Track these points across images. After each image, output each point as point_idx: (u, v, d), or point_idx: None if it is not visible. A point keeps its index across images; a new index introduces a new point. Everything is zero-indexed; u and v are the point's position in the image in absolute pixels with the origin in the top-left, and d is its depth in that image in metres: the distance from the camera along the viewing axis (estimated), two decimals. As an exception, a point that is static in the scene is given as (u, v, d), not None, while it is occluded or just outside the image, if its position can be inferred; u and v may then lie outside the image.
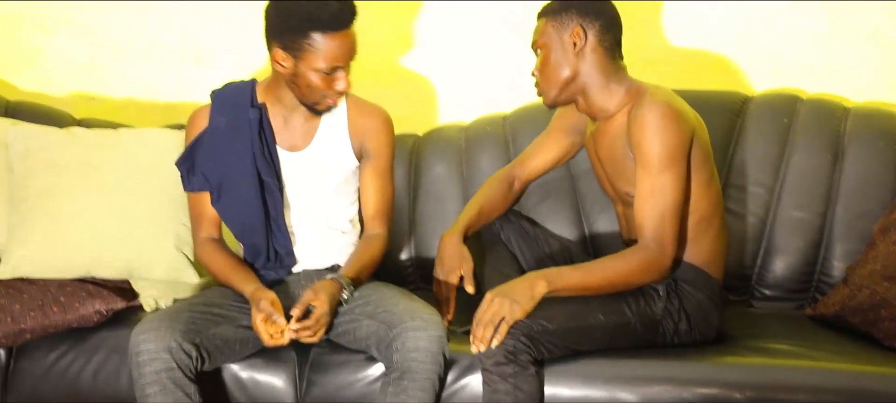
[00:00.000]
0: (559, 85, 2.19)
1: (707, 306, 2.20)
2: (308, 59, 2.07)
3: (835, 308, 2.36)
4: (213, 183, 2.21)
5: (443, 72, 2.86)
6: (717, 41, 2.77)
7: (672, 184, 2.07)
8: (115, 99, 2.90)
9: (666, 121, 2.06)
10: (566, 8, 2.18)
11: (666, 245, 2.08)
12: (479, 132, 2.68)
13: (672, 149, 2.07)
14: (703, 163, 2.17)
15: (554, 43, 2.18)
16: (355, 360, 2.17)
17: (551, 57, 2.18)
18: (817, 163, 2.52)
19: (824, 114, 2.57)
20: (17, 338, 2.22)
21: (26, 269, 2.31)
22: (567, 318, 2.07)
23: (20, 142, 2.45)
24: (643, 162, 2.08)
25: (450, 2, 2.81)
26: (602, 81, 2.18)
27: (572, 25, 2.17)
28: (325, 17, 2.03)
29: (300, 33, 2.05)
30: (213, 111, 2.22)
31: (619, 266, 2.08)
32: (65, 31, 2.86)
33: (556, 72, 2.18)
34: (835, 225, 2.51)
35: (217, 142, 2.20)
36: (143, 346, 2.00)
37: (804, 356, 2.16)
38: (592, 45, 2.17)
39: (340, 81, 2.10)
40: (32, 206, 2.35)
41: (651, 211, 2.07)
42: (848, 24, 2.73)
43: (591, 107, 2.22)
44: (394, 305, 2.11)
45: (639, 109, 2.09)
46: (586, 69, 2.18)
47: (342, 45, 2.06)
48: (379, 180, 2.27)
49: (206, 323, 2.09)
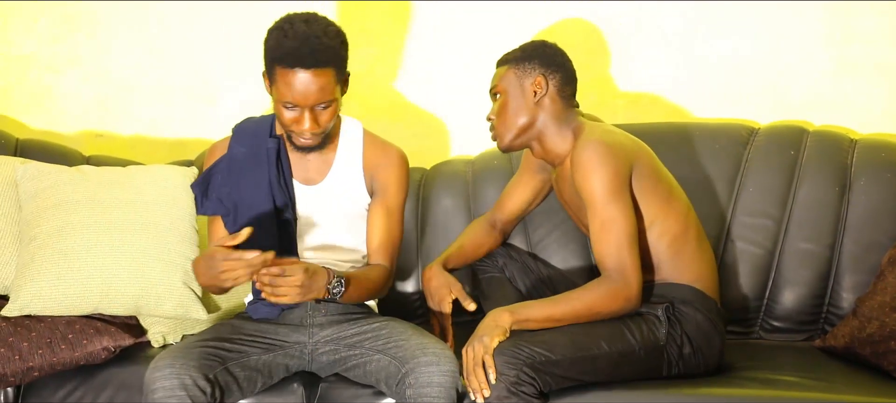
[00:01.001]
0: (516, 130, 2.25)
1: (707, 327, 2.19)
2: (274, 92, 2.12)
3: (844, 340, 2.35)
4: (229, 207, 2.23)
5: (450, 108, 2.88)
6: (725, 74, 2.79)
7: (619, 215, 2.11)
8: (124, 136, 2.92)
9: (598, 157, 2.11)
10: (529, 57, 2.25)
11: (628, 274, 2.10)
12: (485, 165, 2.69)
13: (610, 181, 2.11)
14: (654, 183, 2.19)
15: (514, 90, 2.25)
16: (364, 395, 2.16)
17: (510, 103, 2.24)
18: (825, 194, 2.52)
19: (831, 146, 2.57)
20: (26, 376, 2.22)
21: (35, 307, 2.31)
22: (570, 348, 2.07)
23: (30, 181, 2.46)
24: (588, 201, 2.13)
25: (457, 39, 2.84)
26: (556, 128, 2.24)
27: (535, 74, 2.24)
28: (281, 54, 2.06)
29: (269, 64, 2.11)
30: (233, 141, 2.26)
31: (585, 297, 2.11)
32: (73, 70, 2.89)
33: (513, 117, 2.24)
34: (843, 256, 2.50)
35: (234, 169, 2.23)
36: (159, 384, 2.00)
37: (814, 388, 2.15)
38: (552, 95, 2.24)
39: (303, 123, 2.11)
40: (42, 245, 2.36)
41: (607, 246, 2.10)
42: (854, 58, 2.75)
43: (547, 153, 2.27)
44: (405, 340, 2.10)
45: (575, 153, 2.16)
46: (543, 117, 2.24)
47: (300, 84, 2.07)
48: (385, 217, 2.26)
49: (218, 358, 2.09)
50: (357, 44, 2.75)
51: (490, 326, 2.08)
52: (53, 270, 2.32)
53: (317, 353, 2.21)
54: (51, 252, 2.34)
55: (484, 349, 2.04)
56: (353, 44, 2.18)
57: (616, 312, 2.12)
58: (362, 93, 2.79)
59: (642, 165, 2.18)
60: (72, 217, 2.38)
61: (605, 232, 2.10)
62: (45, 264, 2.33)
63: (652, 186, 2.18)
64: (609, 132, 2.19)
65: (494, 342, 2.05)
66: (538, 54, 2.26)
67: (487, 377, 2.02)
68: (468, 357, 2.06)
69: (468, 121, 2.87)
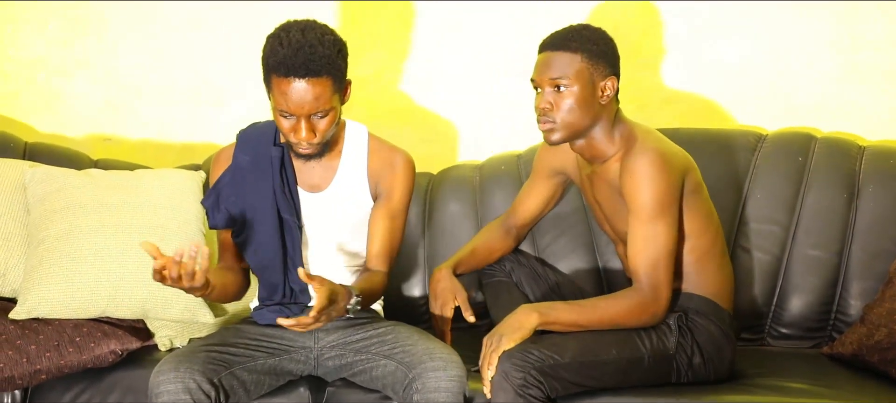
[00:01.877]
0: (576, 129, 2.15)
1: (719, 338, 2.19)
2: (272, 101, 2.10)
3: (852, 347, 2.35)
4: (237, 218, 2.22)
5: (457, 113, 2.88)
6: (732, 81, 2.79)
7: (664, 231, 2.09)
8: (132, 140, 2.92)
9: (655, 170, 2.08)
10: (602, 54, 2.12)
11: (660, 290, 2.09)
12: (493, 170, 2.69)
13: (662, 197, 2.08)
14: (697, 201, 2.18)
15: (587, 85, 2.11)
16: (370, 399, 2.16)
17: (580, 98, 2.11)
18: (833, 201, 2.52)
19: (840, 153, 2.57)
20: (33, 379, 2.22)
21: (43, 310, 2.32)
22: (580, 353, 2.06)
23: (38, 185, 2.47)
24: (635, 211, 2.09)
25: (464, 44, 2.84)
26: (608, 129, 2.17)
27: (607, 74, 2.13)
28: (276, 62, 2.04)
29: (265, 72, 2.09)
30: (238, 149, 2.25)
31: (613, 306, 2.10)
32: (82, 74, 2.90)
33: (579, 114, 2.12)
34: (851, 263, 2.50)
35: (239, 178, 2.22)
36: (163, 387, 2.00)
37: (822, 395, 2.15)
38: (612, 97, 2.15)
39: (299, 132, 2.07)
40: (50, 248, 2.37)
41: (645, 260, 2.08)
42: (861, 64, 2.75)
43: (591, 151, 2.20)
44: (411, 345, 2.10)
45: (629, 159, 2.11)
46: (603, 117, 2.16)
47: (293, 93, 2.03)
48: (387, 221, 2.23)
49: (223, 362, 2.09)
50: (364, 47, 2.76)
51: (514, 325, 2.06)
52: (61, 273, 2.33)
53: (322, 358, 2.21)
54: (59, 255, 2.35)
55: (498, 347, 2.03)
56: (360, 47, 2.17)
57: (640, 325, 2.11)
58: (369, 98, 2.79)
59: (690, 180, 2.16)
60: (80, 220, 2.38)
61: (646, 246, 2.08)
62: (53, 267, 2.34)
63: (695, 202, 2.16)
64: (664, 142, 2.15)
65: (511, 344, 2.04)
66: (608, 53, 2.13)
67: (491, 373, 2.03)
68: (485, 349, 2.06)
69: (476, 125, 2.87)
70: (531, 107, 2.81)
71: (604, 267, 2.59)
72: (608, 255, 2.58)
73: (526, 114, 2.82)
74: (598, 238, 2.58)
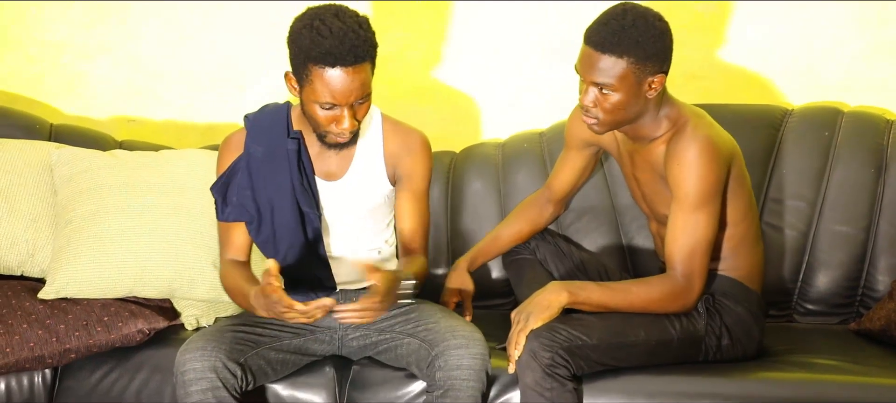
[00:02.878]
0: (621, 122, 2.11)
1: (747, 320, 2.18)
2: (306, 91, 2.03)
3: (880, 322, 2.33)
4: (251, 212, 2.18)
5: (480, 91, 2.87)
6: (757, 57, 2.76)
7: (705, 221, 2.07)
8: (155, 121, 2.94)
9: (704, 160, 2.05)
10: (651, 56, 2.03)
11: (694, 280, 2.08)
12: (515, 148, 2.68)
13: (708, 187, 2.06)
14: (739, 189, 2.15)
15: (631, 90, 2.04)
16: (396, 377, 2.17)
17: (624, 99, 2.04)
18: (860, 176, 2.49)
19: (867, 127, 2.54)
20: (63, 358, 2.24)
21: (71, 290, 2.34)
22: (607, 334, 2.06)
23: (65, 166, 2.48)
24: (678, 197, 2.07)
25: (486, 21, 2.82)
26: (654, 113, 2.12)
27: (655, 73, 2.04)
28: (320, 53, 1.97)
29: (300, 63, 2.01)
30: (249, 138, 2.18)
31: (644, 292, 2.08)
32: (106, 57, 2.91)
33: (623, 113, 2.07)
34: (879, 238, 2.48)
35: (254, 171, 2.17)
36: (189, 365, 2.01)
37: (850, 371, 2.14)
38: (660, 90, 2.08)
39: (343, 121, 2.03)
40: (77, 228, 2.38)
41: (683, 247, 2.07)
42: (885, 39, 2.71)
43: (636, 133, 2.16)
44: (435, 323, 2.10)
45: (678, 143, 2.07)
46: (648, 107, 2.10)
47: (340, 82, 1.99)
48: (414, 203, 2.22)
49: (249, 343, 2.10)
50: (386, 26, 2.75)
51: (543, 304, 2.06)
52: (89, 253, 2.35)
53: (347, 338, 2.22)
54: (86, 235, 2.37)
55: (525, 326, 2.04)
56: (382, 26, 2.15)
57: (671, 312, 2.10)
58: (391, 76, 2.79)
59: (736, 168, 2.13)
60: (106, 201, 2.40)
61: (685, 234, 2.06)
62: (80, 247, 2.35)
63: (738, 189, 2.14)
64: (714, 127, 2.11)
65: (538, 323, 2.04)
66: (658, 50, 2.03)
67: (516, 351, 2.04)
68: (515, 326, 2.07)
69: (499, 103, 2.86)
70: (554, 84, 2.82)
71: (628, 244, 2.58)
72: (632, 232, 2.57)
73: (549, 92, 2.82)
74: (621, 216, 2.57)
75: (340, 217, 2.23)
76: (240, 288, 2.13)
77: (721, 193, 2.10)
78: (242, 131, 2.21)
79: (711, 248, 2.10)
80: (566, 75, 2.85)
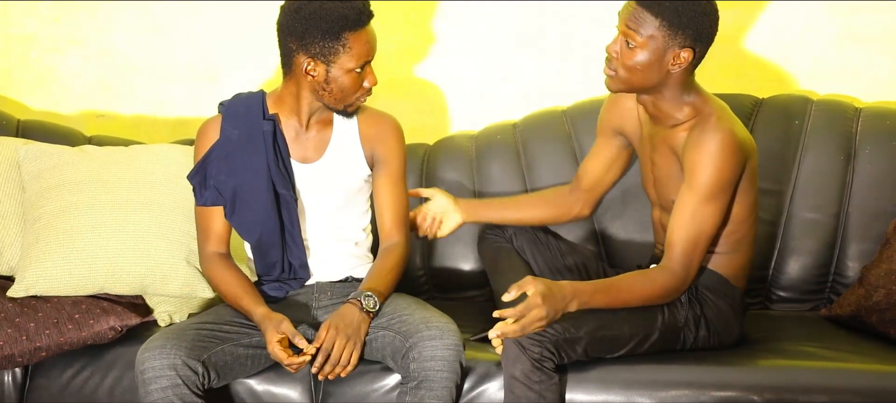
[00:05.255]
0: (635, 85, 2.09)
1: (728, 314, 2.20)
2: (341, 61, 2.10)
3: (851, 308, 2.35)
4: (227, 196, 2.21)
5: (453, 83, 2.86)
6: (730, 46, 2.77)
7: (712, 213, 2.08)
8: (126, 116, 2.91)
9: (725, 153, 2.05)
10: (685, 25, 2.02)
11: (691, 271, 2.10)
12: (489, 140, 2.68)
13: (723, 180, 2.07)
14: (749, 188, 2.16)
15: (655, 52, 2.03)
16: (371, 371, 2.17)
17: (644, 61, 2.04)
18: (830, 163, 2.52)
19: (836, 115, 2.56)
20: (33, 357, 2.22)
21: (41, 287, 2.31)
22: (594, 327, 2.07)
23: (33, 162, 2.46)
24: (692, 185, 2.07)
25: (460, 13, 2.82)
26: (677, 94, 2.10)
27: (684, 46, 2.03)
28: (353, 16, 2.08)
29: (333, 36, 2.08)
30: (224, 123, 2.22)
31: (646, 288, 2.09)
32: (75, 52, 2.88)
33: (640, 75, 2.06)
34: (849, 225, 2.50)
35: (230, 154, 2.20)
36: (148, 364, 2.01)
37: (822, 357, 2.16)
38: (687, 66, 2.06)
39: (369, 76, 2.14)
40: (46, 225, 2.36)
41: (686, 236, 2.07)
42: (857, 27, 2.74)
43: (657, 111, 2.15)
44: (409, 315, 2.11)
45: (702, 132, 2.07)
46: (670, 83, 2.09)
47: (370, 40, 2.12)
48: (393, 186, 2.25)
49: (213, 339, 2.09)
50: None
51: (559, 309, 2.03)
52: (58, 250, 2.32)
53: (321, 333, 2.21)
54: (55, 232, 2.34)
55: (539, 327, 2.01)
56: (354, 19, 2.16)
57: (665, 302, 2.11)
58: (364, 70, 2.77)
59: (750, 167, 2.14)
60: (76, 197, 2.38)
61: (692, 224, 2.07)
62: (50, 244, 2.33)
63: (747, 189, 2.15)
64: (738, 123, 2.11)
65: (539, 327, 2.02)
66: (695, 23, 2.01)
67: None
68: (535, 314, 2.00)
69: (472, 95, 2.86)
70: (527, 76, 2.83)
71: (602, 236, 2.59)
72: (606, 221, 2.58)
73: (522, 84, 2.82)
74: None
75: (317, 201, 2.24)
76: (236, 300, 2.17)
77: (732, 188, 2.10)
78: (218, 118, 2.24)
79: (711, 242, 2.11)
80: (539, 66, 2.87)
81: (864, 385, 2.08)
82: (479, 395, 2.11)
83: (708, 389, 2.07)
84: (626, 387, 2.08)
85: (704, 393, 2.06)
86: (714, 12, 2.07)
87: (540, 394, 2.00)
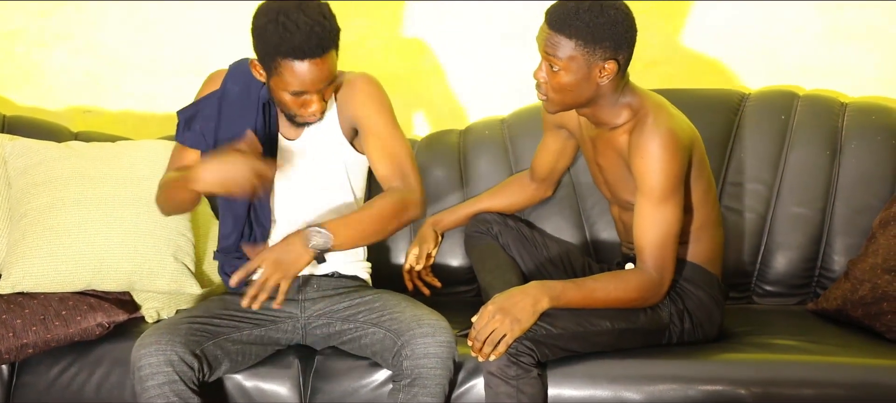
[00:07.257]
0: (570, 103, 2.11)
1: (709, 304, 2.21)
2: (277, 81, 2.06)
3: (837, 302, 2.37)
4: (208, 144, 2.20)
5: (441, 78, 2.87)
6: (718, 42, 2.79)
7: (672, 212, 2.09)
8: (112, 112, 2.90)
9: (667, 153, 2.06)
10: (601, 39, 2.02)
11: (666, 272, 2.11)
12: (477, 136, 2.68)
13: (672, 180, 2.08)
14: (700, 174, 2.18)
15: (578, 71, 2.04)
16: (360, 366, 2.17)
17: (571, 82, 2.05)
18: (816, 158, 2.53)
19: (822, 111, 2.58)
20: (20, 353, 2.21)
21: (27, 284, 2.31)
22: (572, 324, 2.07)
23: (19, 158, 2.45)
24: (644, 192, 2.08)
25: (447, 9, 2.82)
26: (612, 100, 2.11)
27: (605, 58, 2.04)
28: (290, 47, 2.00)
29: (268, 57, 2.04)
30: (228, 78, 2.23)
31: (620, 288, 2.09)
32: (63, 46, 2.87)
33: (571, 94, 2.08)
34: (835, 220, 2.52)
35: (224, 107, 2.20)
36: (145, 360, 2.00)
37: (808, 351, 2.17)
38: (614, 75, 2.07)
39: (311, 105, 2.07)
40: (32, 221, 2.35)
41: (653, 241, 2.08)
42: (844, 23, 2.75)
43: (596, 118, 2.17)
44: (400, 312, 2.10)
45: (640, 137, 2.08)
46: (603, 92, 2.10)
47: (309, 73, 2.02)
48: (379, 143, 2.15)
49: (206, 333, 2.09)
50: (348, 15, 2.72)
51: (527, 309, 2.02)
52: (45, 247, 2.32)
53: (310, 327, 2.21)
54: (42, 228, 2.33)
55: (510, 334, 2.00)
56: (344, 15, 2.15)
57: (645, 303, 2.12)
58: (353, 65, 2.76)
59: (696, 154, 2.15)
60: (62, 193, 2.37)
61: (654, 227, 2.08)
62: (36, 241, 2.32)
63: (697, 175, 2.16)
64: (674, 118, 2.12)
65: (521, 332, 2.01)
66: (611, 35, 2.02)
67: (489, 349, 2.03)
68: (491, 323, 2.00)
69: (460, 90, 2.86)
70: (515, 71, 2.82)
71: (590, 232, 2.59)
72: (594, 217, 2.58)
73: (510, 79, 2.83)
74: (583, 201, 2.59)
75: (291, 180, 2.22)
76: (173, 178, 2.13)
77: (683, 182, 2.12)
78: (225, 71, 2.25)
79: (679, 237, 2.12)
80: (528, 61, 2.86)
81: (850, 378, 2.09)
82: (468, 390, 2.11)
83: (695, 383, 2.08)
84: (613, 382, 2.08)
85: (692, 387, 2.07)
86: (627, 18, 2.06)
87: (517, 388, 2.00)
